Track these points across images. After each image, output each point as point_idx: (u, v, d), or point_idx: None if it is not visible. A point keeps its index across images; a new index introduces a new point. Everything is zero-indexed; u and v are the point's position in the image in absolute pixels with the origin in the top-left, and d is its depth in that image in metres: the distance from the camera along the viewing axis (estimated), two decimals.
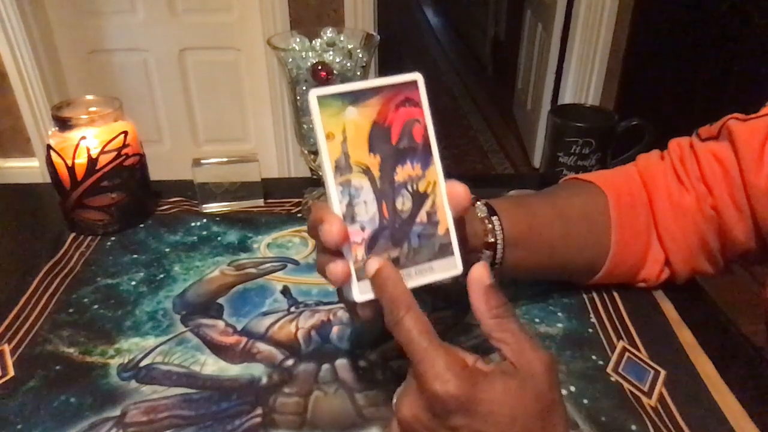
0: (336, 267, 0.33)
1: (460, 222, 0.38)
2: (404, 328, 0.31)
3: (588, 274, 0.53)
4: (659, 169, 0.53)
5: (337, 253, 0.34)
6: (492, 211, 0.45)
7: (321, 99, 0.32)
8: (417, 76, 0.34)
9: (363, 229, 0.33)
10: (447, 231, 0.35)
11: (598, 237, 0.51)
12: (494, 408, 0.29)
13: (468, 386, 0.29)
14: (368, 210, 0.33)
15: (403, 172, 0.34)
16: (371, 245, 0.33)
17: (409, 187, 0.34)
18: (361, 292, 0.34)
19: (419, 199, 0.34)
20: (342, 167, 0.33)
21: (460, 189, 0.35)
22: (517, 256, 0.46)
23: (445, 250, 0.35)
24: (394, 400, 0.34)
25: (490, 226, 0.45)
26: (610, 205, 0.51)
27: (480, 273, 0.33)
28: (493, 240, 0.45)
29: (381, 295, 0.32)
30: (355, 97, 0.33)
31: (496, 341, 0.32)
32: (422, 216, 0.34)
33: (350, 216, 0.33)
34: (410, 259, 0.34)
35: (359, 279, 0.34)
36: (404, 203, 0.34)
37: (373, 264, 0.33)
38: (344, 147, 0.33)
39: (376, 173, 0.33)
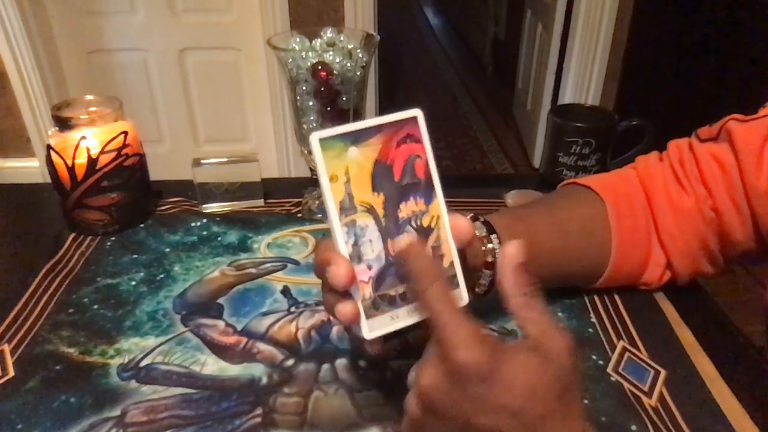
0: (345, 308, 0.34)
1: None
2: (430, 298, 0.31)
3: (589, 281, 0.53)
4: (658, 171, 0.53)
5: (344, 292, 0.34)
6: (491, 229, 0.45)
7: (323, 141, 0.32)
8: (417, 113, 0.34)
9: (370, 267, 0.34)
10: (452, 263, 0.35)
11: (598, 245, 0.51)
12: (514, 380, 0.29)
13: (490, 354, 0.29)
14: (374, 248, 0.34)
15: (407, 208, 0.34)
16: (378, 283, 0.34)
17: (413, 223, 0.34)
18: (370, 330, 0.34)
19: (423, 233, 0.35)
20: (346, 208, 0.33)
21: (464, 223, 0.35)
22: None
23: (450, 282, 0.35)
24: (412, 373, 0.34)
25: (490, 246, 0.44)
26: (609, 212, 0.51)
27: (513, 251, 0.33)
28: (492, 260, 0.44)
29: (408, 267, 0.33)
30: (356, 137, 0.33)
31: (521, 319, 0.32)
32: (427, 250, 0.35)
33: (357, 256, 0.33)
34: None
35: (368, 317, 0.34)
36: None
37: (404, 239, 0.34)
38: (347, 188, 0.33)
39: (380, 212, 0.33)
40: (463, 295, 0.35)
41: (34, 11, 1.94)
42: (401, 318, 0.34)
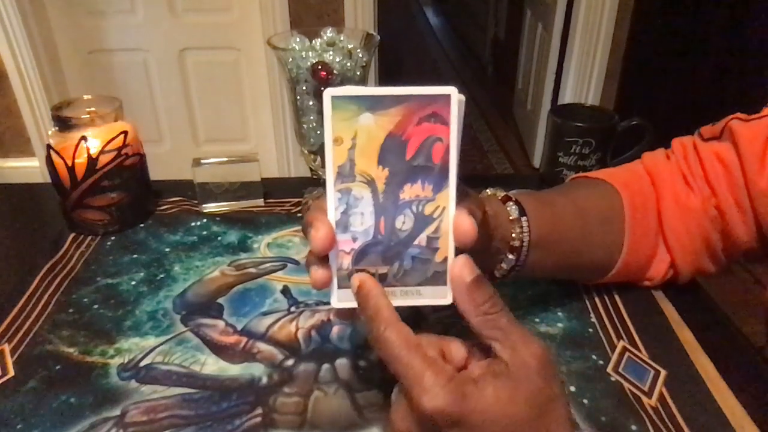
0: (316, 272, 0.33)
1: (483, 230, 0.38)
2: (386, 343, 0.30)
3: (599, 274, 0.53)
4: (666, 168, 0.52)
5: (324, 257, 0.33)
6: (521, 211, 0.44)
7: (335, 100, 0.31)
8: (451, 90, 0.31)
9: (354, 239, 0.33)
10: (445, 259, 0.33)
11: (613, 237, 0.50)
12: (486, 417, 0.29)
13: (456, 399, 0.28)
14: (364, 222, 0.32)
15: (411, 190, 0.32)
16: (360, 257, 0.33)
17: (414, 208, 0.32)
18: (339, 300, 0.34)
19: (423, 221, 0.33)
20: (345, 174, 0.32)
21: (467, 225, 0.32)
22: (536, 257, 0.45)
23: (438, 278, 0.33)
24: (396, 393, 0.34)
25: (518, 229, 0.43)
26: (625, 205, 0.50)
27: (460, 270, 0.31)
28: (519, 244, 0.43)
29: (363, 309, 0.32)
30: (373, 103, 0.31)
31: (486, 339, 0.31)
32: (422, 239, 0.33)
33: (343, 224, 0.32)
34: (398, 279, 0.33)
35: (340, 287, 0.33)
36: (405, 222, 0.32)
37: (355, 280, 0.33)
38: (351, 154, 0.31)
39: (381, 186, 0.32)
40: (448, 294, 0.33)
41: (34, 11, 1.94)
42: None
